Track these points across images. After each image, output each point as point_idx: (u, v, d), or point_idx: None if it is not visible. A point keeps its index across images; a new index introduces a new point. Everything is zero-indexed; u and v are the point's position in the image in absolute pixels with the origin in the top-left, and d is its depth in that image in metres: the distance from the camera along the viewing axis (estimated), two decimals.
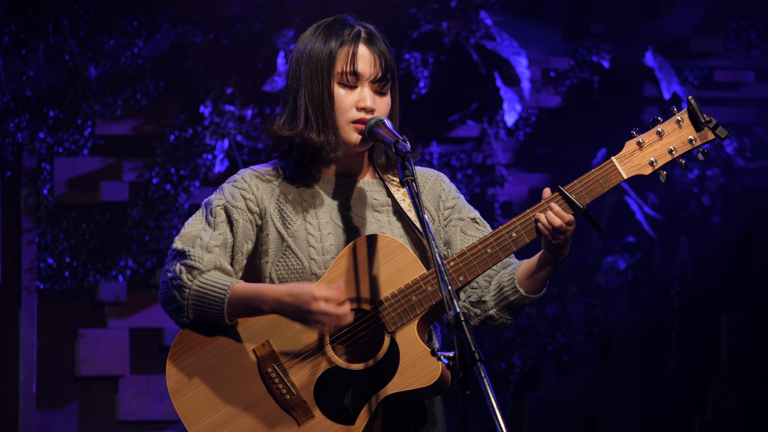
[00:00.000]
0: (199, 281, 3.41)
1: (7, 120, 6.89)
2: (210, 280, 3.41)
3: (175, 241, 3.50)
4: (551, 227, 3.38)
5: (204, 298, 3.40)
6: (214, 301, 3.39)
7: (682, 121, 3.46)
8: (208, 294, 3.40)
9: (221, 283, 3.40)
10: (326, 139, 3.47)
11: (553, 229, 3.39)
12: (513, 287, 3.49)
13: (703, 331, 7.92)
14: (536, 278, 3.48)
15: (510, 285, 3.49)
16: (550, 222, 3.38)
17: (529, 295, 3.49)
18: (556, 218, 3.38)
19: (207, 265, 3.43)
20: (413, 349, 3.37)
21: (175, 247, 3.48)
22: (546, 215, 3.39)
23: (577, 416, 7.81)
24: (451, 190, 3.64)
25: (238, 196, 3.51)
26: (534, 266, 3.47)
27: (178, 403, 3.46)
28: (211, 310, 3.41)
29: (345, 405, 3.39)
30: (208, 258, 3.44)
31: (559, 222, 3.38)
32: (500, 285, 3.51)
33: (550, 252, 3.43)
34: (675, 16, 7.88)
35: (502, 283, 3.51)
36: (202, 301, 3.41)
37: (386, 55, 3.51)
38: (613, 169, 3.44)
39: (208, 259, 3.44)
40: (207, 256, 3.44)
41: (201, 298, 3.41)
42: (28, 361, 7.00)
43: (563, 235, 3.39)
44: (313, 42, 3.51)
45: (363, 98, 3.48)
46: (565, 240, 3.40)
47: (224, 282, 3.40)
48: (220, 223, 3.49)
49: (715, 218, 7.86)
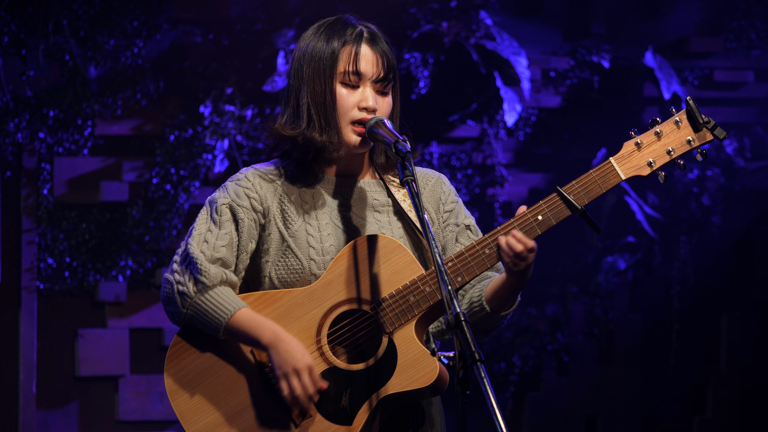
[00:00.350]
0: (202, 298, 3.42)
1: (7, 120, 6.89)
2: (213, 299, 3.42)
3: (190, 243, 3.47)
4: (513, 253, 3.36)
5: (204, 315, 3.42)
6: (213, 321, 3.41)
7: (680, 121, 3.46)
8: (209, 312, 3.41)
9: (224, 306, 3.41)
10: (329, 139, 3.47)
11: (514, 254, 3.36)
12: (480, 304, 3.49)
13: (703, 331, 7.91)
14: (500, 297, 3.46)
15: (478, 301, 3.50)
16: (512, 248, 3.36)
17: (495, 313, 3.48)
18: (518, 244, 3.35)
19: (213, 279, 3.43)
20: (411, 349, 3.37)
21: (190, 250, 3.46)
22: (507, 240, 3.37)
23: (577, 416, 7.81)
24: (450, 193, 3.64)
25: (243, 195, 3.51)
26: (498, 287, 3.46)
27: (176, 403, 3.46)
28: (207, 327, 3.43)
29: (343, 405, 3.39)
30: (214, 272, 3.44)
31: (521, 248, 3.36)
32: (470, 300, 3.52)
33: (512, 276, 3.41)
34: (675, 16, 7.88)
35: (472, 299, 3.52)
36: (201, 316, 3.42)
37: (388, 55, 3.51)
38: (612, 170, 3.44)
39: (214, 273, 3.43)
40: (213, 270, 3.43)
41: (201, 313, 3.42)
42: (28, 361, 7.00)
43: (524, 262, 3.36)
44: (315, 42, 3.51)
45: (365, 98, 3.48)
46: (527, 266, 3.36)
47: (226, 307, 3.41)
48: (225, 221, 3.49)
49: (715, 218, 7.86)
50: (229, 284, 3.46)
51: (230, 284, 3.46)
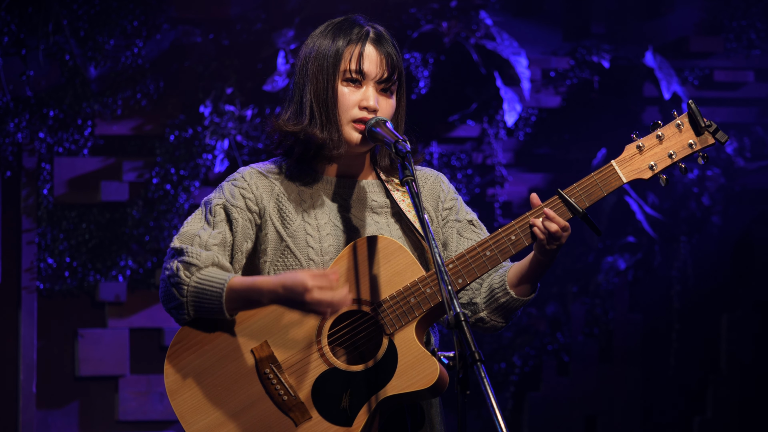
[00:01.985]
0: (196, 277, 3.42)
1: (7, 120, 6.89)
2: (207, 275, 3.41)
3: (174, 239, 3.50)
4: (547, 232, 3.38)
5: (202, 294, 3.41)
6: (212, 296, 3.39)
7: (682, 125, 3.46)
8: (206, 289, 3.40)
9: (218, 278, 3.40)
10: (329, 136, 3.48)
11: (548, 234, 3.38)
12: (504, 289, 3.49)
13: (703, 331, 7.91)
14: (527, 281, 3.48)
15: (501, 287, 3.49)
16: (546, 227, 3.38)
17: (520, 298, 3.49)
18: (553, 224, 3.38)
19: (205, 261, 3.43)
20: (411, 351, 3.37)
21: (173, 245, 3.48)
22: (542, 220, 3.39)
23: (577, 416, 7.81)
24: (449, 190, 3.65)
25: (238, 195, 3.51)
26: (525, 269, 3.47)
27: (176, 402, 3.46)
28: (210, 305, 3.41)
29: (343, 406, 3.39)
30: (205, 255, 3.44)
31: (555, 227, 3.38)
32: (491, 287, 3.52)
33: (543, 256, 3.43)
34: (675, 16, 7.88)
35: (493, 286, 3.51)
36: (201, 296, 3.41)
37: (393, 56, 3.51)
38: (613, 173, 3.44)
39: (205, 256, 3.44)
40: (205, 254, 3.44)
41: (199, 294, 3.41)
42: (28, 361, 7.00)
43: (558, 241, 3.39)
44: (321, 40, 3.52)
45: (366, 97, 3.48)
46: (559, 245, 3.40)
47: (221, 276, 3.40)
48: (219, 222, 3.49)
49: (715, 218, 7.86)
50: (221, 267, 3.45)
51: (222, 268, 3.46)
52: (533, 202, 3.43)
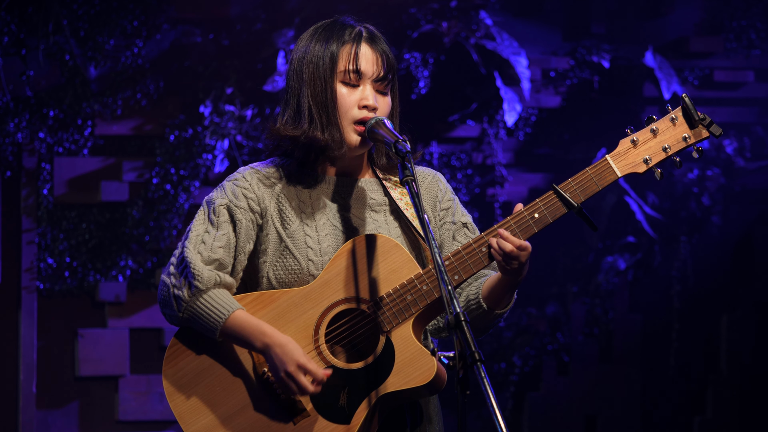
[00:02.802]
0: (197, 302, 3.43)
1: (7, 120, 6.89)
2: (207, 303, 3.42)
3: (186, 245, 3.48)
4: (502, 252, 3.36)
5: (199, 319, 3.43)
6: (208, 325, 3.42)
7: (676, 119, 3.46)
8: (203, 317, 3.42)
9: (218, 310, 3.41)
10: (331, 137, 3.48)
11: (504, 254, 3.37)
12: (477, 301, 3.49)
13: (703, 331, 7.91)
14: (497, 295, 3.47)
15: (475, 299, 3.50)
16: (501, 248, 3.36)
17: (492, 310, 3.48)
18: (507, 243, 3.35)
19: (206, 283, 3.43)
20: (409, 348, 3.37)
21: (186, 254, 3.46)
22: (497, 240, 3.37)
23: (577, 416, 7.81)
24: (447, 191, 3.65)
25: (240, 195, 3.51)
26: (494, 284, 3.46)
27: (174, 403, 3.46)
28: (204, 330, 3.44)
29: (341, 404, 3.39)
30: (207, 275, 3.44)
31: (510, 247, 3.36)
32: (467, 298, 3.53)
33: (506, 275, 3.41)
34: (675, 16, 7.88)
35: (469, 296, 3.52)
36: (197, 320, 3.44)
37: (388, 54, 3.52)
38: (608, 167, 3.44)
39: (207, 276, 3.44)
40: (206, 273, 3.44)
41: (196, 317, 3.43)
42: (28, 361, 7.00)
43: (517, 260, 3.36)
44: (314, 42, 3.51)
45: (365, 97, 3.48)
46: (520, 264, 3.37)
47: (221, 310, 3.42)
48: (223, 222, 3.49)
49: (715, 218, 7.86)
50: (223, 286, 3.46)
51: (225, 286, 3.46)
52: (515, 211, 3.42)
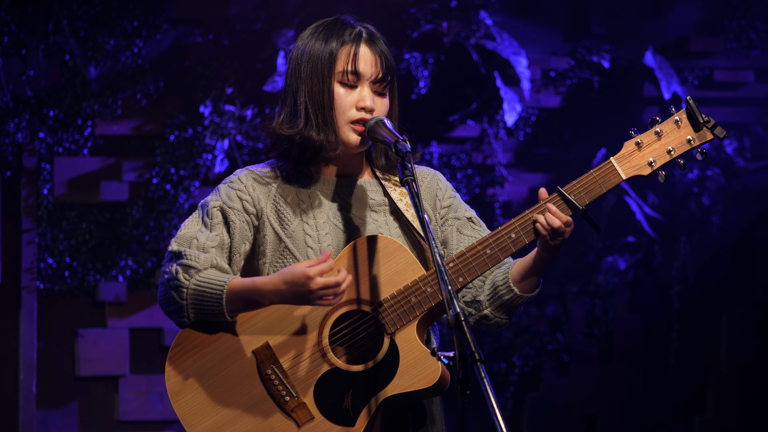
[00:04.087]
0: (196, 280, 3.41)
1: (7, 120, 6.89)
2: (206, 277, 3.41)
3: (171, 243, 3.49)
4: (550, 228, 3.39)
5: (202, 296, 3.40)
6: (213, 298, 3.39)
7: (680, 121, 3.46)
8: (206, 291, 3.40)
9: (218, 279, 3.40)
10: (326, 138, 3.47)
11: (551, 230, 3.39)
12: (507, 287, 3.49)
13: (703, 331, 7.92)
14: (530, 278, 3.48)
15: (504, 284, 3.50)
16: (549, 223, 3.39)
17: (524, 294, 3.49)
18: (555, 219, 3.38)
19: (203, 263, 3.43)
20: (413, 350, 3.37)
21: (171, 249, 3.48)
22: (545, 216, 3.39)
23: (577, 416, 7.81)
24: (447, 188, 3.64)
25: (235, 197, 3.51)
26: (528, 266, 3.47)
27: (177, 404, 3.46)
28: (211, 308, 3.40)
29: (345, 406, 3.39)
30: (204, 257, 3.43)
31: (558, 223, 3.38)
32: (494, 284, 3.52)
33: (546, 252, 3.43)
34: (675, 16, 7.88)
35: (496, 283, 3.51)
36: (201, 299, 3.41)
37: (387, 55, 3.51)
38: (612, 170, 3.44)
39: (204, 258, 3.43)
40: (203, 256, 3.43)
41: (199, 296, 3.41)
42: (28, 361, 7.00)
43: (561, 237, 3.40)
44: (313, 41, 3.51)
45: (363, 98, 3.48)
46: (562, 241, 3.41)
47: (220, 278, 3.40)
48: (216, 224, 3.49)
49: (715, 218, 7.86)
50: (219, 269, 3.45)
51: (221, 269, 3.45)
52: (541, 197, 3.43)
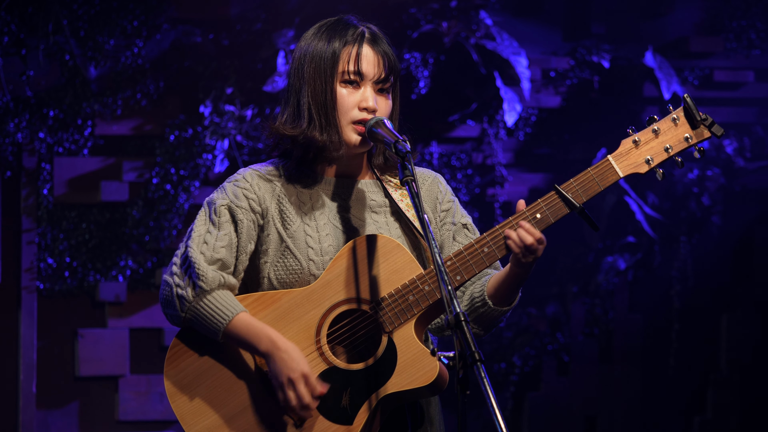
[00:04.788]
0: (201, 302, 3.42)
1: (7, 120, 6.89)
2: (211, 304, 3.41)
3: (190, 245, 3.47)
4: (522, 245, 3.37)
5: (202, 320, 3.42)
6: (211, 327, 3.41)
7: (677, 119, 3.46)
8: (207, 318, 3.41)
9: (221, 312, 3.41)
10: (329, 138, 3.47)
11: (524, 247, 3.37)
12: (482, 299, 3.49)
13: (703, 331, 7.91)
14: (503, 292, 3.47)
15: (480, 296, 3.50)
16: (522, 240, 3.37)
17: (497, 308, 3.48)
18: (528, 236, 3.36)
19: (211, 283, 3.43)
20: (411, 348, 3.37)
21: (189, 253, 3.46)
22: (518, 233, 3.38)
23: (577, 416, 7.81)
24: (447, 192, 3.64)
25: (241, 196, 3.51)
26: (501, 280, 3.47)
27: (176, 405, 3.46)
28: (206, 332, 3.43)
29: (343, 405, 3.39)
30: (212, 276, 3.43)
31: (531, 240, 3.37)
32: (472, 296, 3.53)
33: (519, 268, 3.42)
34: (675, 16, 7.88)
35: (473, 295, 3.52)
36: (200, 321, 3.42)
37: (390, 55, 3.51)
38: (610, 168, 3.44)
39: (212, 276, 3.43)
40: (211, 274, 3.43)
41: (199, 318, 3.42)
42: (28, 361, 7.00)
43: (534, 254, 3.38)
44: (316, 41, 3.51)
45: (365, 98, 3.48)
46: (534, 258, 3.38)
47: (224, 312, 3.41)
48: (224, 223, 3.49)
49: (715, 218, 7.86)
50: (227, 287, 3.45)
51: (229, 287, 3.46)
52: (518, 209, 3.42)
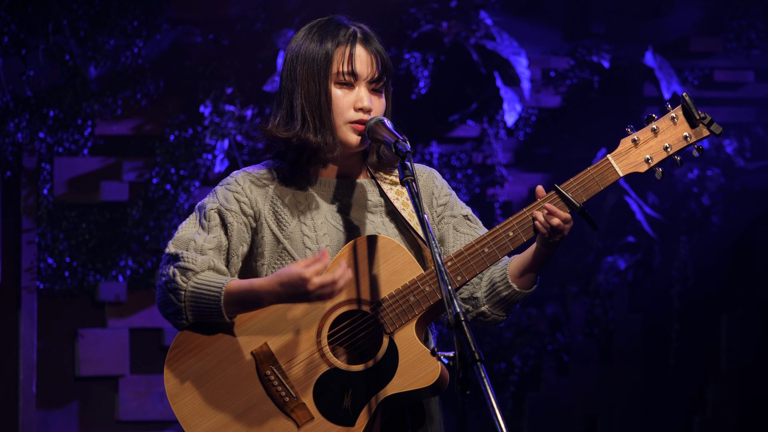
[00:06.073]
0: (193, 282, 3.41)
1: (7, 120, 6.89)
2: (204, 280, 3.41)
3: (169, 245, 3.49)
4: (549, 226, 3.39)
5: (200, 298, 3.40)
6: (211, 300, 3.39)
7: (676, 118, 3.47)
8: (204, 294, 3.40)
9: (215, 281, 3.40)
10: (323, 140, 3.47)
11: (551, 227, 3.39)
12: (506, 283, 3.49)
13: (703, 331, 7.91)
14: (529, 273, 3.49)
15: (502, 281, 3.50)
16: (548, 221, 3.39)
17: (522, 291, 3.50)
18: (554, 217, 3.38)
19: (200, 266, 3.43)
20: (412, 349, 3.38)
21: (168, 251, 3.48)
22: (543, 214, 3.39)
23: (577, 416, 7.81)
24: (443, 186, 3.64)
25: (232, 199, 3.50)
26: (527, 262, 3.48)
27: (176, 406, 3.45)
28: (209, 309, 3.40)
29: (345, 406, 3.39)
30: (201, 259, 3.43)
31: (557, 221, 3.38)
32: (492, 281, 3.52)
33: (546, 248, 3.44)
34: (675, 16, 7.88)
35: (494, 279, 3.52)
36: (199, 301, 3.41)
37: (382, 54, 3.51)
38: (609, 167, 3.44)
39: (201, 260, 3.43)
40: (200, 258, 3.43)
41: (197, 298, 3.40)
42: (28, 361, 7.00)
43: (561, 234, 3.40)
44: (308, 43, 3.50)
45: (360, 98, 3.48)
46: (561, 238, 3.41)
47: (218, 280, 3.40)
48: (214, 226, 3.49)
49: (715, 218, 7.86)
50: (217, 271, 3.45)
51: (218, 271, 3.45)
52: (538, 195, 3.43)
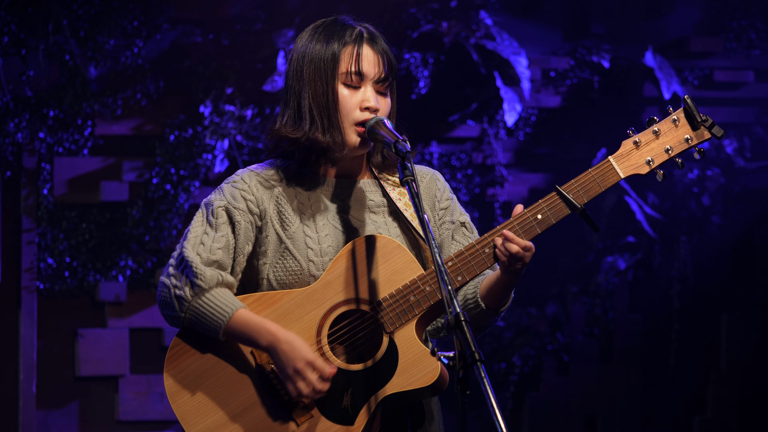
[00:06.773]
0: (199, 301, 3.41)
1: (7, 120, 6.89)
2: (210, 302, 3.41)
3: (185, 246, 3.47)
4: (508, 254, 3.37)
5: (202, 318, 3.41)
6: (211, 325, 3.41)
7: (678, 120, 3.47)
8: (207, 316, 3.41)
9: (221, 309, 3.40)
10: (332, 139, 3.47)
11: (510, 255, 3.37)
12: (475, 301, 3.49)
13: (703, 331, 7.91)
14: (496, 294, 3.47)
15: (473, 298, 3.50)
16: (507, 249, 3.37)
17: (489, 309, 3.48)
18: (513, 245, 3.36)
19: (209, 282, 3.43)
20: (412, 349, 3.37)
21: (185, 253, 3.46)
22: (503, 242, 3.37)
23: (577, 416, 7.81)
24: (445, 190, 3.64)
25: (239, 197, 3.51)
26: (493, 282, 3.46)
27: (176, 405, 3.45)
28: (207, 331, 3.43)
29: (344, 405, 3.39)
30: (210, 274, 3.43)
31: (516, 248, 3.36)
32: (465, 297, 3.53)
33: (507, 275, 3.42)
34: (675, 16, 7.88)
35: (467, 295, 3.53)
36: (200, 320, 3.42)
37: (389, 54, 3.51)
38: (611, 169, 3.44)
39: (210, 275, 3.43)
40: (209, 273, 3.43)
41: (199, 316, 3.42)
42: (28, 361, 7.00)
43: (521, 261, 3.37)
44: (314, 43, 3.50)
45: (367, 98, 3.48)
46: (523, 265, 3.38)
47: (225, 308, 3.40)
48: (222, 224, 3.49)
49: (715, 218, 7.86)
50: (225, 285, 3.45)
51: (227, 285, 3.46)
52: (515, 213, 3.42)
